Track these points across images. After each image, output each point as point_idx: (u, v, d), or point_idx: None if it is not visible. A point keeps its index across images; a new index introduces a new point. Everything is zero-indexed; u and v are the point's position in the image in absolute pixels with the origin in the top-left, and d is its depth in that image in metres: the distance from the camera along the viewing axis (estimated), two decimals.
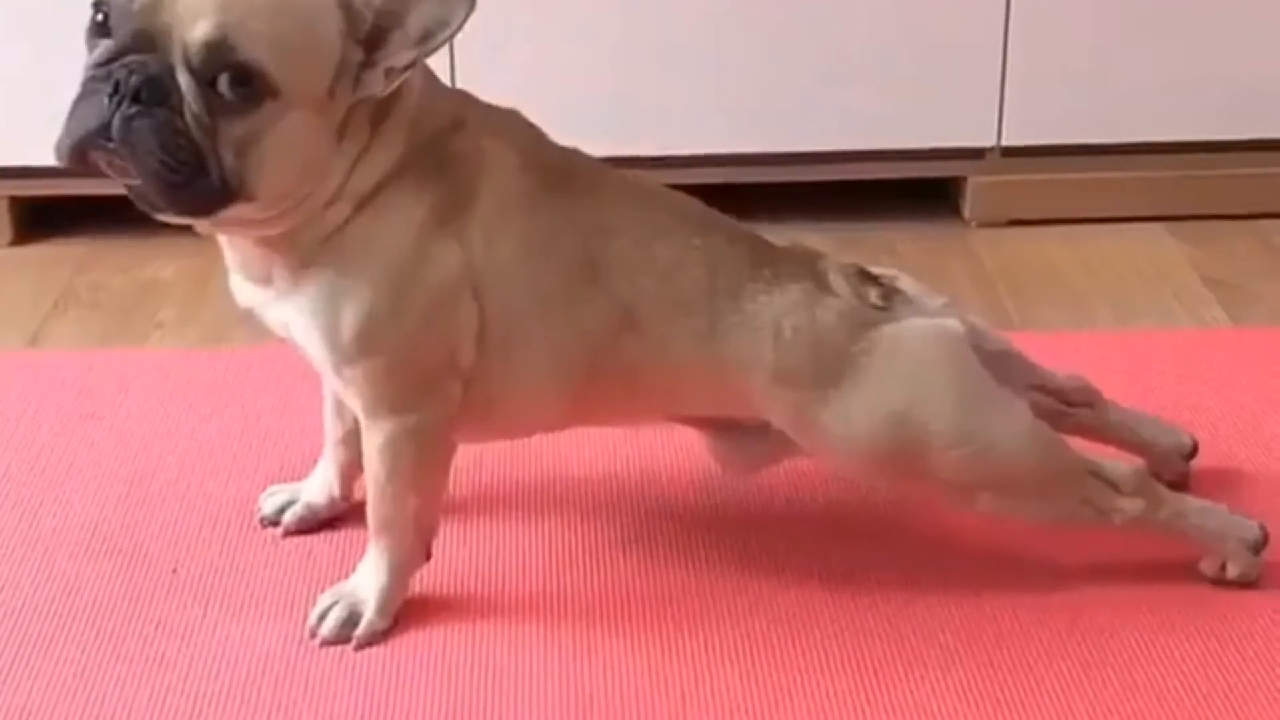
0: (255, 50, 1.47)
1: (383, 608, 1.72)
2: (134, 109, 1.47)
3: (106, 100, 1.48)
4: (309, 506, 1.89)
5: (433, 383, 1.67)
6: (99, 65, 1.49)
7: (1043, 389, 1.86)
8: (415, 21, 1.54)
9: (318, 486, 1.90)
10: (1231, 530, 1.77)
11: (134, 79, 1.47)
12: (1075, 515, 1.74)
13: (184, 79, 1.47)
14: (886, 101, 2.63)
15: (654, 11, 2.57)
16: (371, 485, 1.71)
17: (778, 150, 2.64)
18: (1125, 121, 2.65)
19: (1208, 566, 1.78)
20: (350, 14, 1.53)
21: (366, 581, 1.73)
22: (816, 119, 2.63)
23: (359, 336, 1.62)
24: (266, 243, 1.62)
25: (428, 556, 1.75)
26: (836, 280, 1.72)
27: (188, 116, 1.47)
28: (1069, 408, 1.88)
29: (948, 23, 2.60)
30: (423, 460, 1.70)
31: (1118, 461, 1.77)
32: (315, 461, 1.91)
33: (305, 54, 1.51)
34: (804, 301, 1.70)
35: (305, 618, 1.71)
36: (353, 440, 1.83)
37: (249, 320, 1.71)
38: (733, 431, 1.80)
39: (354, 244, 1.61)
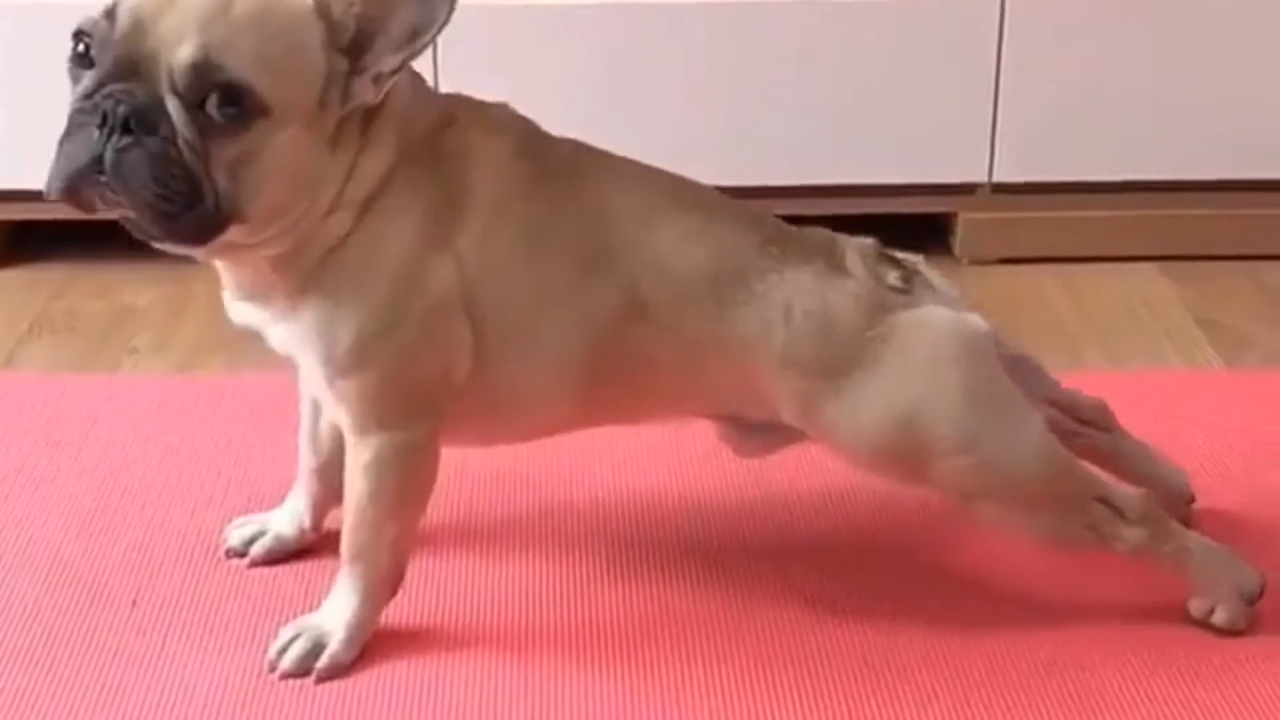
0: (241, 68, 1.45)
1: (350, 640, 1.67)
2: (125, 140, 1.45)
3: (95, 132, 1.45)
4: (278, 538, 1.85)
5: (425, 398, 1.64)
6: (85, 97, 1.47)
7: (1056, 404, 1.82)
8: (398, 25, 1.52)
9: (287, 518, 1.86)
10: (1231, 575, 1.73)
11: (122, 109, 1.44)
12: (1077, 537, 1.70)
13: (172, 104, 1.45)
14: (877, 136, 2.60)
15: (641, 46, 2.55)
16: (351, 508, 1.67)
17: (767, 184, 2.60)
18: (1118, 159, 2.62)
19: (1196, 607, 1.74)
20: (331, 24, 1.51)
21: (335, 612, 1.69)
22: (806, 153, 2.60)
23: (355, 347, 1.60)
24: (267, 263, 1.59)
25: (396, 590, 1.71)
26: (853, 260, 1.68)
27: (180, 143, 1.45)
28: (1081, 426, 1.83)
29: (939, 58, 2.58)
30: (407, 481, 1.66)
31: (1128, 490, 1.72)
32: (285, 493, 1.88)
33: (291, 68, 1.49)
34: (815, 283, 1.66)
35: (267, 650, 1.67)
36: (327, 471, 1.80)
37: (225, 348, 1.68)
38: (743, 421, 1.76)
39: (354, 255, 1.58)
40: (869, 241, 1.72)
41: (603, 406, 1.73)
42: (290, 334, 1.63)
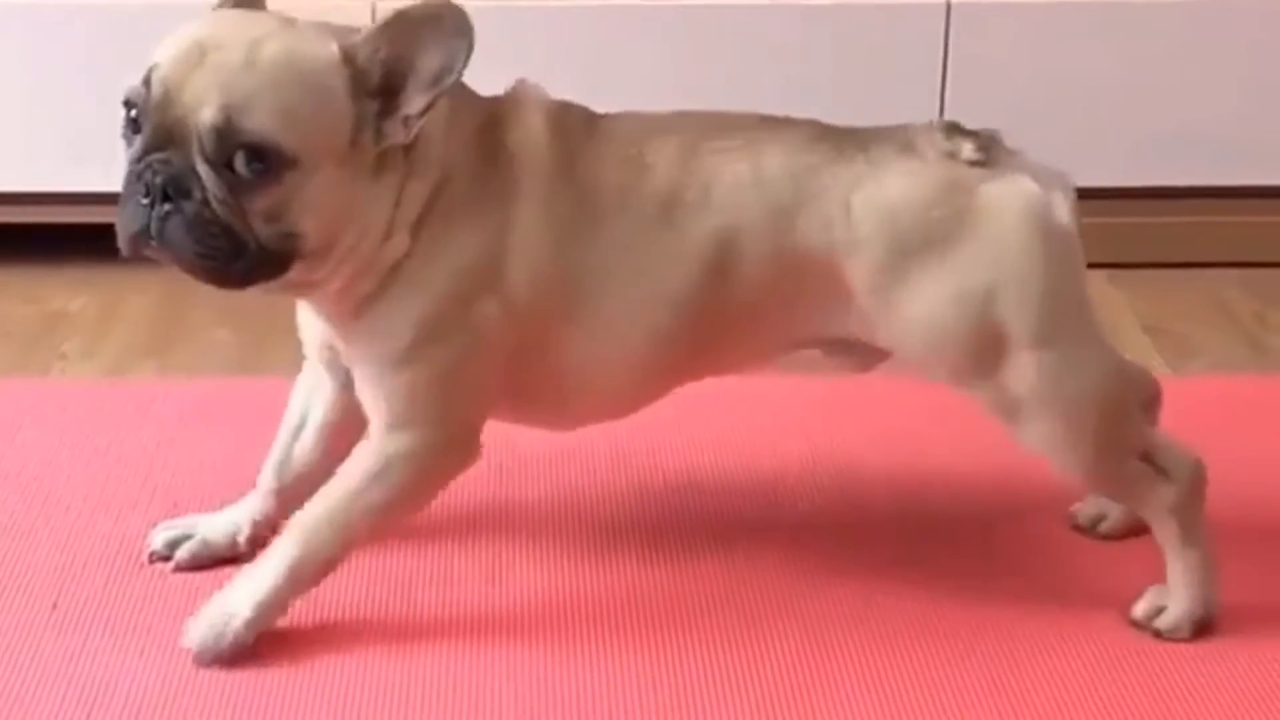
0: (263, 126, 1.49)
1: (254, 621, 1.64)
2: (165, 208, 1.51)
3: (142, 201, 1.52)
4: (205, 543, 1.80)
5: (470, 402, 1.67)
6: (133, 163, 1.53)
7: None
8: (425, 66, 1.54)
9: (222, 526, 1.81)
10: (1203, 589, 1.70)
11: (159, 179, 1.51)
12: (1116, 481, 1.70)
13: (203, 168, 1.50)
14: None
15: (605, 44, 2.54)
16: (331, 493, 1.65)
17: None
18: (1064, 166, 2.58)
19: (1143, 608, 1.71)
20: (356, 70, 1.54)
21: (248, 590, 1.65)
22: None
23: (414, 342, 1.62)
24: (334, 292, 1.62)
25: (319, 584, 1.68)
26: (922, 140, 1.65)
27: (214, 204, 1.50)
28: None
29: (886, 62, 2.56)
30: (414, 482, 1.66)
31: (1183, 452, 1.70)
32: (212, 500, 1.85)
33: (315, 119, 1.52)
34: (871, 170, 1.64)
35: (188, 653, 1.63)
36: (284, 496, 1.79)
37: (155, 354, 1.66)
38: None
39: (415, 265, 1.61)
40: (938, 120, 1.68)
41: (697, 357, 1.72)
42: (354, 333, 1.65)
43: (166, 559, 1.79)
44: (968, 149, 1.64)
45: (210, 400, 2.13)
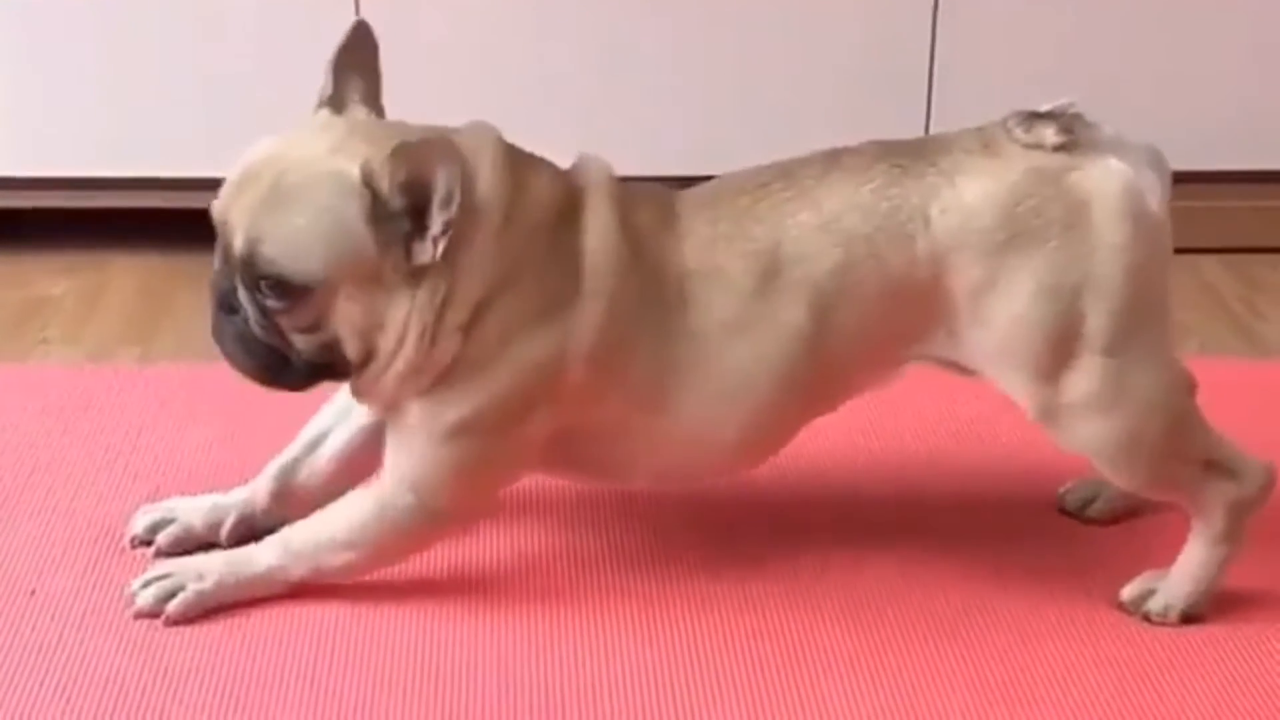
0: (274, 258, 1.56)
1: (210, 595, 1.66)
2: (221, 317, 1.61)
3: (214, 310, 1.62)
4: (187, 528, 1.79)
5: (483, 492, 1.71)
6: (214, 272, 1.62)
7: None
8: (442, 187, 1.55)
9: (205, 512, 1.80)
10: (1206, 586, 1.69)
11: (217, 292, 1.61)
12: (1171, 490, 1.68)
13: (241, 291, 1.59)
14: (808, 123, 2.56)
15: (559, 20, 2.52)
16: (333, 523, 1.68)
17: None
18: None
19: (1135, 589, 1.71)
20: (376, 194, 1.55)
21: (222, 563, 1.68)
22: (733, 142, 2.56)
23: (452, 430, 1.63)
24: (391, 394, 1.65)
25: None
26: (1000, 136, 1.62)
27: (253, 323, 1.59)
28: None
29: (873, 50, 2.55)
30: (402, 543, 1.69)
31: (1254, 460, 1.67)
32: (193, 485, 1.85)
33: (326, 247, 1.56)
34: (944, 178, 1.61)
35: (166, 643, 1.62)
36: (281, 501, 1.78)
37: (138, 340, 1.66)
38: None
39: (467, 369, 1.62)
40: (1013, 112, 1.64)
41: (804, 410, 1.71)
42: (400, 410, 1.66)
43: (148, 544, 1.78)
44: (1050, 135, 1.61)
45: (192, 386, 2.12)
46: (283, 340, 1.60)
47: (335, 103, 1.64)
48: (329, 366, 1.62)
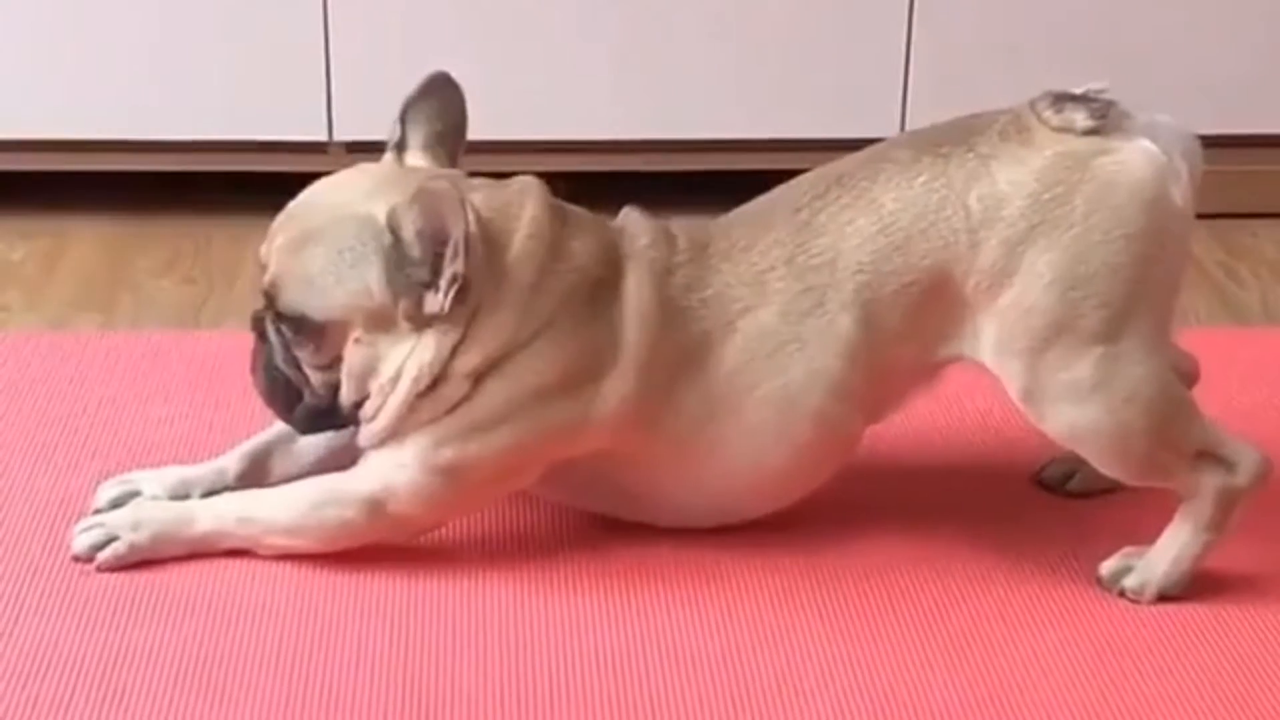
0: (293, 299, 1.62)
1: (142, 547, 1.66)
2: (257, 344, 1.68)
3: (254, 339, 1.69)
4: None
5: (451, 515, 1.72)
6: None
7: None
8: (455, 239, 1.57)
9: (170, 486, 1.76)
10: (1185, 568, 1.66)
11: (255, 323, 1.68)
12: (1157, 478, 1.65)
13: (270, 324, 1.66)
14: (792, 90, 2.55)
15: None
16: (296, 495, 1.68)
17: (683, 138, 2.58)
18: None
19: (1108, 566, 1.68)
20: (398, 238, 1.59)
21: (160, 515, 1.69)
22: (724, 108, 2.56)
23: (443, 468, 1.64)
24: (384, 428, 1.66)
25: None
26: (1030, 118, 1.60)
27: (276, 355, 1.65)
28: None
29: (852, 17, 2.54)
30: (355, 534, 1.67)
31: (1246, 447, 1.64)
32: (155, 458, 1.83)
33: (340, 292, 1.60)
34: (981, 164, 1.60)
35: (127, 623, 1.59)
36: (246, 483, 1.76)
37: (99, 307, 1.63)
38: None
39: (472, 415, 1.63)
40: (1047, 93, 1.61)
41: (846, 437, 1.71)
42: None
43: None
44: (1080, 119, 1.59)
45: (155, 355, 2.08)
46: (299, 374, 1.65)
47: (399, 148, 1.69)
48: (331, 413, 1.66)
